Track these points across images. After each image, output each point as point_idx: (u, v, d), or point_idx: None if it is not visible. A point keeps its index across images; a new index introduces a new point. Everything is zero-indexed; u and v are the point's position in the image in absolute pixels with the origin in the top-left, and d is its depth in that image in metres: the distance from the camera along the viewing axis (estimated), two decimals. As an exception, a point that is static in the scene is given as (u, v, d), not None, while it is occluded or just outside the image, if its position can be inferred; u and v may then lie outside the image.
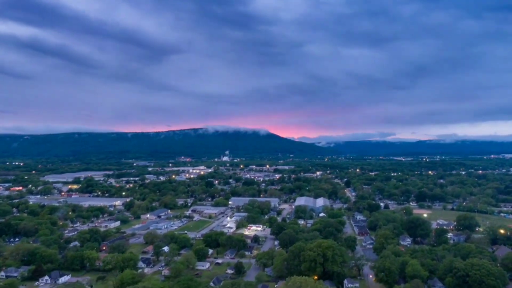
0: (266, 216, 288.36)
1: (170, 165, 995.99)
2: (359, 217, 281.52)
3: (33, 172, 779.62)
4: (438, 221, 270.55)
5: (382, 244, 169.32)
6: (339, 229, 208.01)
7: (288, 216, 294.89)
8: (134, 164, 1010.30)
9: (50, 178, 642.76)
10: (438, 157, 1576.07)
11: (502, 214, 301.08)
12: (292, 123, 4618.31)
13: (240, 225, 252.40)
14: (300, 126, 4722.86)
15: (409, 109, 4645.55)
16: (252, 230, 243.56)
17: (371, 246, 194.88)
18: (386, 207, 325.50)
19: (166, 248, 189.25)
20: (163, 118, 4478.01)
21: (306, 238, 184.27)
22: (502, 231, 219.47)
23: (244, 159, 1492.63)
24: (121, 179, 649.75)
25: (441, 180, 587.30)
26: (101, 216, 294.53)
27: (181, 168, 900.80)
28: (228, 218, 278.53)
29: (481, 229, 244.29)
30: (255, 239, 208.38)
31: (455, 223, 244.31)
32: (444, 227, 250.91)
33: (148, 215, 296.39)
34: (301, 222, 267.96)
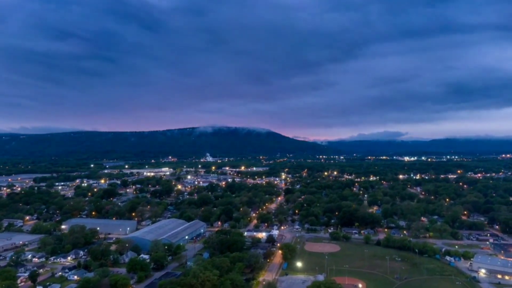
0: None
1: (127, 166, 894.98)
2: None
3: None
4: (315, 278, 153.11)
5: None
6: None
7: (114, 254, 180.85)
8: (92, 165, 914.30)
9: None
10: (447, 156, 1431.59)
11: (447, 258, 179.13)
12: (307, 124, 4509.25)
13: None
14: (314, 127, 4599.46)
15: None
16: None
17: None
18: (270, 240, 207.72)
19: None
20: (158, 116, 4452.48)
21: None
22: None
23: (233, 159, 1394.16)
24: (41, 184, 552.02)
25: (418, 188, 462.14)
26: None
27: (136, 170, 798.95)
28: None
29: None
30: None
31: None
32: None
33: None
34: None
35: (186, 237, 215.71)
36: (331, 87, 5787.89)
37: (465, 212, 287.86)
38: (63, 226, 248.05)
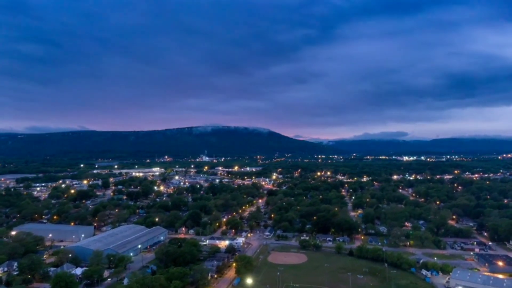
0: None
1: (116, 166, 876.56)
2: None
3: None
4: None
5: None
6: None
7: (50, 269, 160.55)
8: (82, 165, 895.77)
9: None
10: (447, 156, 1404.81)
11: (424, 272, 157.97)
12: (307, 124, 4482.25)
13: None
14: (315, 127, 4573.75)
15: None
16: None
17: None
18: (230, 249, 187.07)
19: None
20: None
21: None
22: None
23: (229, 158, 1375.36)
24: (20, 185, 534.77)
25: (410, 189, 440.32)
26: None
27: (125, 171, 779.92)
28: None
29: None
30: None
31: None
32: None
33: None
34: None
35: (139, 246, 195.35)
36: (318, 78, 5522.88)
37: (454, 217, 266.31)
38: (13, 232, 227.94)
